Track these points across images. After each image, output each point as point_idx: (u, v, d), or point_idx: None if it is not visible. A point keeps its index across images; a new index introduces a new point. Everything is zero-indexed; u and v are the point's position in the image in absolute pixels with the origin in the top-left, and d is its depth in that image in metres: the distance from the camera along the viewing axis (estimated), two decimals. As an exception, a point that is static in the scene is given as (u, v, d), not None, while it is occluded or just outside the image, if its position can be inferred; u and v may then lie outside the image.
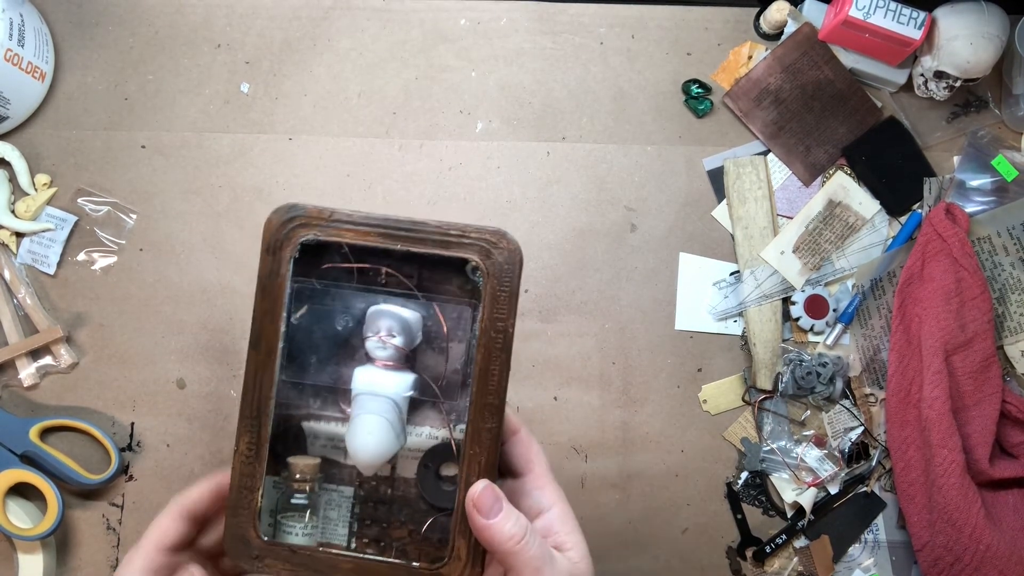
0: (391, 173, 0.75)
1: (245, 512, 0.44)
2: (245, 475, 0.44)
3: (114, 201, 0.74)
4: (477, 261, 0.44)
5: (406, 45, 0.76)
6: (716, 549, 0.72)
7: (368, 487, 0.48)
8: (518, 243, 0.44)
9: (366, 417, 0.46)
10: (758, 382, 0.72)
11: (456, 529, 0.44)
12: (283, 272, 0.44)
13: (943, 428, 0.66)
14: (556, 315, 0.74)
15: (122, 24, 0.76)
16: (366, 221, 0.44)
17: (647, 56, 0.76)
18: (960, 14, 0.69)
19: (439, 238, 0.44)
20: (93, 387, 0.72)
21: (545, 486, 0.46)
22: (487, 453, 0.44)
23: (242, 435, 0.44)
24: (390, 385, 0.46)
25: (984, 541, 0.65)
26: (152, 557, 0.43)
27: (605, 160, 0.75)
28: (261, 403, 0.44)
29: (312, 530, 0.47)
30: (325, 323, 0.47)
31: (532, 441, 0.47)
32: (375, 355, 0.47)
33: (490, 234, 0.44)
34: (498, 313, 0.44)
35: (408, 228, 0.44)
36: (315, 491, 0.47)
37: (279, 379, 0.45)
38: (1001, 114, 0.76)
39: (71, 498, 0.71)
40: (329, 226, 0.44)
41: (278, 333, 0.44)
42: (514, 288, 0.44)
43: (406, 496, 0.48)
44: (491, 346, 0.45)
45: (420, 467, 0.48)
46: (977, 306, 0.69)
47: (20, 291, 0.72)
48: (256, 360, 0.44)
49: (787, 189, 0.75)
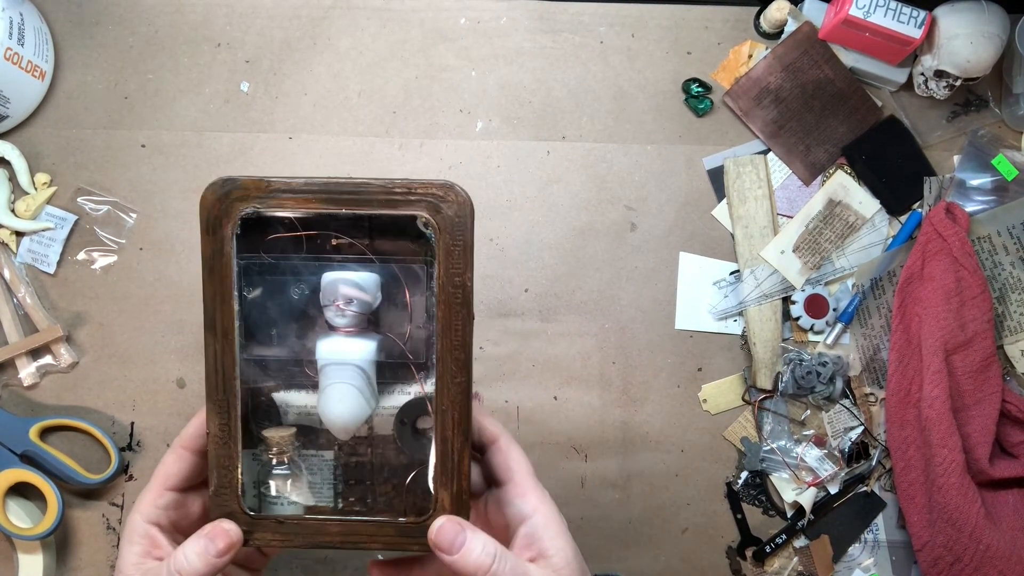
0: (391, 172, 0.75)
1: (227, 491, 0.44)
2: (221, 455, 0.44)
3: (114, 200, 0.74)
4: (427, 217, 0.43)
5: (406, 44, 0.76)
6: (716, 549, 0.72)
7: (348, 448, 0.48)
8: (467, 194, 0.43)
9: (335, 387, 0.45)
10: (758, 382, 0.72)
11: (438, 482, 0.44)
12: (227, 250, 0.43)
13: (943, 428, 0.66)
14: (556, 315, 0.74)
15: (122, 23, 0.76)
16: (306, 188, 0.43)
17: (647, 55, 0.76)
18: (960, 13, 0.69)
19: (384, 197, 0.43)
20: (93, 387, 0.72)
21: (527, 492, 0.45)
22: (459, 407, 0.44)
23: (211, 418, 0.44)
24: (354, 352, 0.46)
25: (984, 541, 0.65)
26: (160, 493, 0.45)
27: (605, 159, 0.75)
28: (226, 384, 0.44)
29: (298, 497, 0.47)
30: (281, 296, 0.46)
31: (512, 448, 0.47)
32: (335, 323, 0.46)
33: (437, 187, 0.43)
34: (454, 268, 0.43)
35: (351, 191, 0.43)
36: (295, 460, 0.47)
37: (241, 358, 0.44)
38: (1001, 113, 0.76)
39: (71, 498, 0.71)
40: (268, 197, 0.43)
41: (232, 313, 0.43)
42: (467, 241, 0.43)
43: (386, 453, 0.47)
44: (451, 301, 0.43)
45: (396, 423, 0.47)
46: (977, 305, 0.69)
47: (20, 290, 0.72)
48: (214, 342, 0.43)
49: (787, 188, 0.75)
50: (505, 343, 0.73)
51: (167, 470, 0.46)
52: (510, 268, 0.74)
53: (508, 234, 0.74)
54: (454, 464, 0.44)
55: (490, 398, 0.73)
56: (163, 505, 0.45)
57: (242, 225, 0.43)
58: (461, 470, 0.44)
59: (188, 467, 0.46)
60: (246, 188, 0.43)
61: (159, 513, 0.45)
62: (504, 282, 0.74)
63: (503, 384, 0.73)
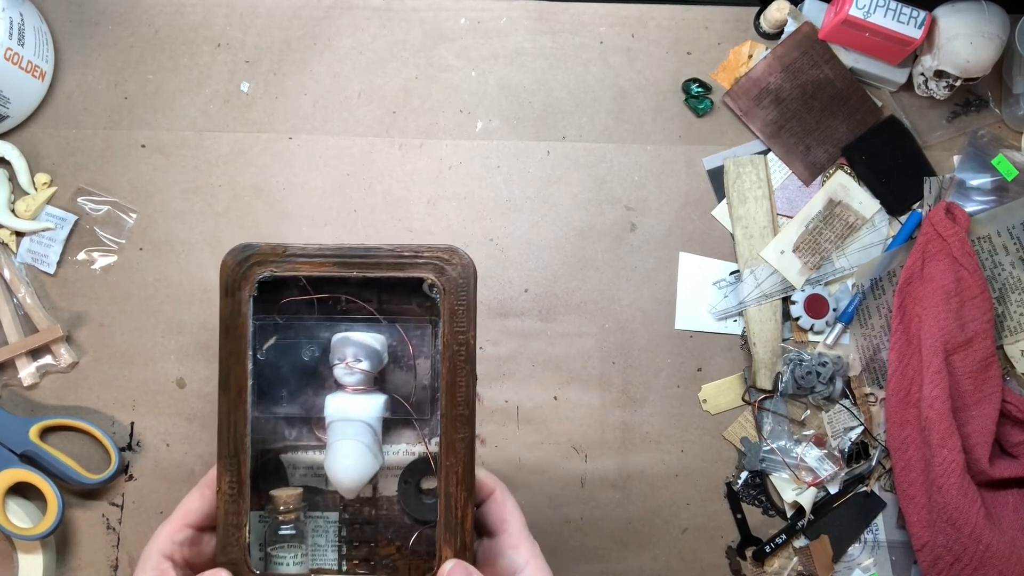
0: (391, 172, 0.75)
1: (235, 549, 0.45)
2: (230, 513, 0.45)
3: (114, 200, 0.74)
4: (432, 279, 0.45)
5: (406, 44, 0.76)
6: (716, 549, 0.72)
7: (352, 510, 0.49)
8: (470, 257, 0.46)
9: (342, 443, 0.47)
10: (758, 382, 0.72)
11: (442, 538, 0.45)
12: (244, 312, 0.45)
13: (943, 428, 0.66)
14: (556, 315, 0.74)
15: (122, 23, 0.76)
16: (320, 252, 0.45)
17: (647, 55, 0.76)
18: (960, 13, 0.69)
19: (393, 261, 0.45)
20: (93, 387, 0.72)
21: (520, 544, 0.47)
22: (463, 463, 0.45)
23: (222, 475, 0.45)
24: (362, 409, 0.47)
25: (984, 541, 0.65)
26: (179, 528, 0.46)
27: (605, 160, 0.75)
28: (237, 441, 0.45)
29: (303, 558, 0.48)
30: (292, 356, 0.48)
31: (507, 500, 0.48)
32: (344, 381, 0.48)
33: (442, 251, 0.45)
34: (458, 326, 0.45)
35: (362, 255, 0.45)
36: (301, 520, 0.48)
37: (252, 416, 0.45)
38: (1001, 113, 0.76)
39: (71, 498, 0.71)
40: (284, 261, 0.45)
41: (246, 372, 0.45)
42: (471, 300, 0.46)
43: (390, 514, 0.49)
44: (455, 359, 0.45)
45: (400, 484, 0.49)
46: (977, 305, 0.69)
47: (20, 290, 0.72)
48: (227, 400, 0.45)
49: (787, 188, 0.75)
50: (505, 343, 0.73)
51: (189, 507, 0.46)
52: (510, 268, 0.74)
53: (508, 234, 0.75)
54: (458, 520, 0.45)
55: (490, 398, 0.73)
56: (180, 540, 0.46)
57: (258, 287, 0.45)
58: (465, 526, 0.45)
59: (209, 506, 0.47)
60: (264, 253, 0.45)
61: (174, 548, 0.46)
62: (504, 282, 0.74)
63: (503, 384, 0.73)
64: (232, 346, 0.45)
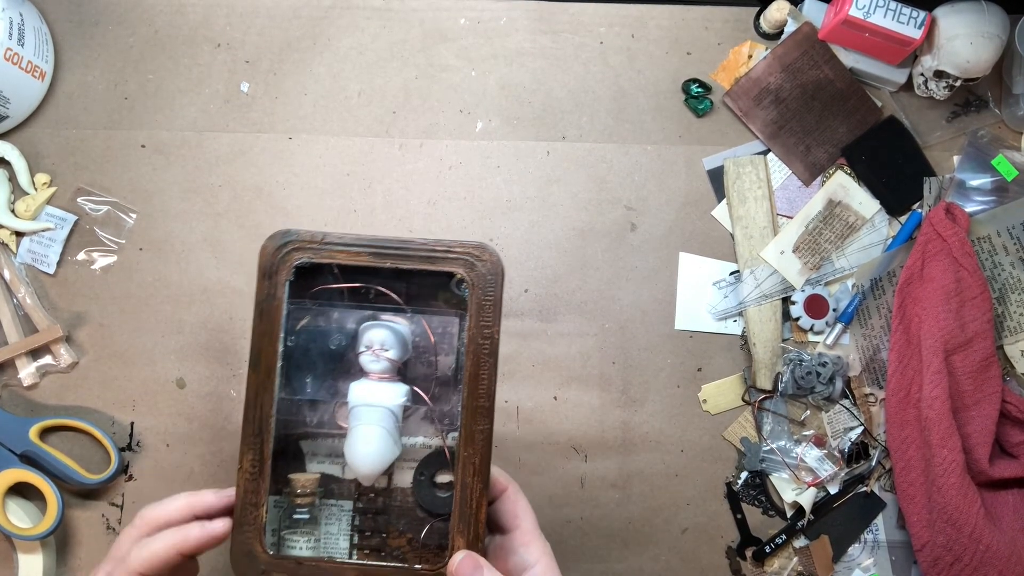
0: (391, 172, 0.75)
1: (250, 528, 0.46)
2: (249, 491, 0.46)
3: (114, 200, 0.74)
4: (462, 274, 0.47)
5: (406, 44, 0.76)
6: (716, 549, 0.72)
7: (366, 499, 0.50)
8: (499, 255, 0.47)
9: (364, 427, 0.48)
10: (758, 382, 0.72)
11: (455, 528, 0.45)
12: (279, 295, 0.46)
13: (943, 428, 0.66)
14: (556, 315, 0.74)
15: (122, 23, 0.76)
16: (357, 242, 0.47)
17: (647, 55, 0.76)
18: (960, 13, 0.69)
19: (426, 254, 0.47)
20: (93, 387, 0.72)
21: (531, 543, 0.48)
22: (480, 454, 0.46)
23: (245, 453, 0.46)
24: (385, 396, 0.48)
25: (984, 541, 0.65)
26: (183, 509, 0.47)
27: (605, 160, 0.75)
28: (263, 421, 0.46)
29: (315, 543, 0.49)
30: (320, 341, 0.49)
31: (519, 498, 0.49)
32: (369, 368, 0.49)
33: (473, 248, 0.47)
34: (484, 321, 0.47)
35: (397, 246, 0.47)
36: (316, 505, 0.49)
37: (278, 397, 0.46)
38: (1001, 114, 0.76)
39: (71, 498, 0.71)
40: (322, 249, 0.47)
41: (276, 353, 0.46)
42: (497, 297, 0.47)
43: (403, 506, 0.50)
44: (479, 352, 0.47)
45: (415, 477, 0.50)
46: (977, 306, 0.69)
47: (20, 290, 0.72)
48: (256, 380, 0.46)
49: (787, 189, 0.75)
50: (505, 343, 0.73)
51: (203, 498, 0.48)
52: (510, 268, 0.74)
53: (508, 234, 0.75)
54: (472, 511, 0.46)
55: (490, 398, 0.73)
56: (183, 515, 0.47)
57: (295, 273, 0.47)
58: (478, 517, 0.46)
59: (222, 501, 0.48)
60: (303, 240, 0.47)
61: None
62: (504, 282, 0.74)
63: (503, 384, 0.73)
64: (265, 327, 0.46)
